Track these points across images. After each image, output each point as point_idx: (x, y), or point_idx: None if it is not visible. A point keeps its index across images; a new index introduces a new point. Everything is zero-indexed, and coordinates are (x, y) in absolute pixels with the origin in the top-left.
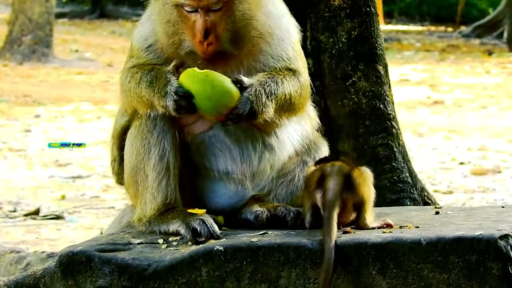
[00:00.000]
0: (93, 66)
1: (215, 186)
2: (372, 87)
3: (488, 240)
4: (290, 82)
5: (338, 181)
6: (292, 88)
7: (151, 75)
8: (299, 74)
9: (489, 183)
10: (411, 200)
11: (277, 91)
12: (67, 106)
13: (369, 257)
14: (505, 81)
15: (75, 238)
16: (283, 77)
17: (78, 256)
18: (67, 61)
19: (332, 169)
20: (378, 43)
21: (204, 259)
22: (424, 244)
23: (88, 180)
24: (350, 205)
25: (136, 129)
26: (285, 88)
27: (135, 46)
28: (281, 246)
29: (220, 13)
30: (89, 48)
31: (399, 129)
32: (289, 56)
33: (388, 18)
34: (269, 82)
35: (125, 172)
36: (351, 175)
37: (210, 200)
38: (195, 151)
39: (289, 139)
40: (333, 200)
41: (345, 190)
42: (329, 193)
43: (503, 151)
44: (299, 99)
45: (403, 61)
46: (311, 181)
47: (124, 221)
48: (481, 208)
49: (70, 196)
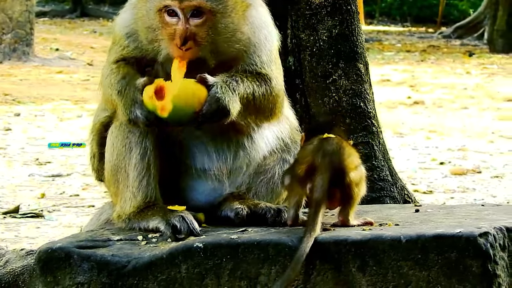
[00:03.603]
0: (73, 65)
1: (194, 183)
2: (353, 85)
3: (468, 238)
4: (254, 83)
5: (326, 177)
6: (257, 88)
7: (122, 84)
8: (268, 79)
9: (469, 183)
10: (391, 198)
11: (238, 88)
12: (47, 104)
13: (349, 254)
14: (485, 81)
15: (55, 236)
16: (246, 78)
17: (57, 253)
18: (48, 60)
19: (324, 160)
20: (358, 41)
21: (183, 256)
22: (404, 242)
23: (68, 179)
24: (338, 196)
25: (117, 128)
26: (247, 87)
27: (117, 33)
28: (260, 243)
29: (201, 22)
30: (69, 47)
31: (379, 128)
32: (262, 61)
33: (369, 18)
34: (231, 80)
35: (105, 171)
36: (343, 169)
37: (189, 197)
38: (176, 148)
39: (263, 140)
40: (320, 199)
41: (335, 185)
42: (317, 191)
43: (483, 151)
44: (265, 102)
45: (384, 61)
46: (299, 167)
47: (103, 218)
48: (461, 206)
49: (50, 194)
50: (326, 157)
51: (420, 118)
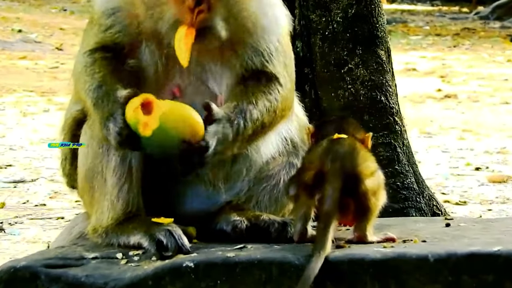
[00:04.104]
0: (39, 50)
1: (184, 190)
2: (372, 76)
3: (507, 257)
4: (263, 101)
5: (337, 186)
6: (265, 108)
7: (98, 94)
8: (276, 83)
9: (509, 193)
10: (417, 210)
11: (245, 126)
12: (8, 97)
13: (367, 275)
14: None
15: (17, 254)
16: (255, 100)
17: (22, 273)
18: (9, 43)
19: (334, 165)
20: (379, 23)
21: (171, 277)
22: (431, 261)
23: (33, 185)
24: (352, 208)
25: (93, 125)
26: (256, 117)
27: (97, 9)
28: (262, 262)
29: None
30: (34, 28)
31: (403, 126)
32: (270, 51)
33: None
34: (237, 117)
35: (79, 176)
36: (357, 175)
37: (178, 207)
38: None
39: (267, 141)
40: (330, 210)
41: (348, 194)
42: (326, 201)
43: None
44: (274, 115)
45: (409, 47)
46: (306, 173)
47: (75, 232)
48: (500, 220)
49: (11, 204)
50: (336, 162)
51: (452, 115)
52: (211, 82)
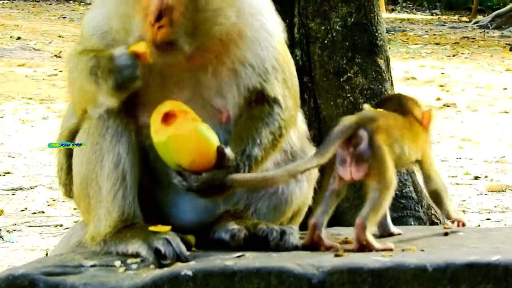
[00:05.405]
0: (38, 57)
1: (181, 197)
2: (371, 85)
3: (506, 267)
4: (267, 136)
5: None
6: (270, 146)
7: (94, 62)
8: (277, 107)
9: (508, 202)
10: (415, 218)
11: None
12: (7, 104)
13: (365, 284)
14: None
15: (15, 261)
16: (260, 138)
17: (20, 281)
18: (7, 51)
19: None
20: (378, 32)
21: (169, 285)
22: (430, 271)
23: (31, 193)
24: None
25: (86, 132)
26: (261, 158)
27: (86, 32)
28: (260, 270)
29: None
30: (33, 35)
31: None
32: (267, 70)
33: (392, 4)
34: (247, 159)
35: (74, 184)
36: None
37: (175, 214)
38: (156, 156)
39: None
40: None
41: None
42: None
43: None
44: (277, 144)
45: (408, 55)
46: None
47: (74, 240)
48: (499, 229)
49: (10, 211)
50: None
51: (451, 124)
52: (213, 98)
